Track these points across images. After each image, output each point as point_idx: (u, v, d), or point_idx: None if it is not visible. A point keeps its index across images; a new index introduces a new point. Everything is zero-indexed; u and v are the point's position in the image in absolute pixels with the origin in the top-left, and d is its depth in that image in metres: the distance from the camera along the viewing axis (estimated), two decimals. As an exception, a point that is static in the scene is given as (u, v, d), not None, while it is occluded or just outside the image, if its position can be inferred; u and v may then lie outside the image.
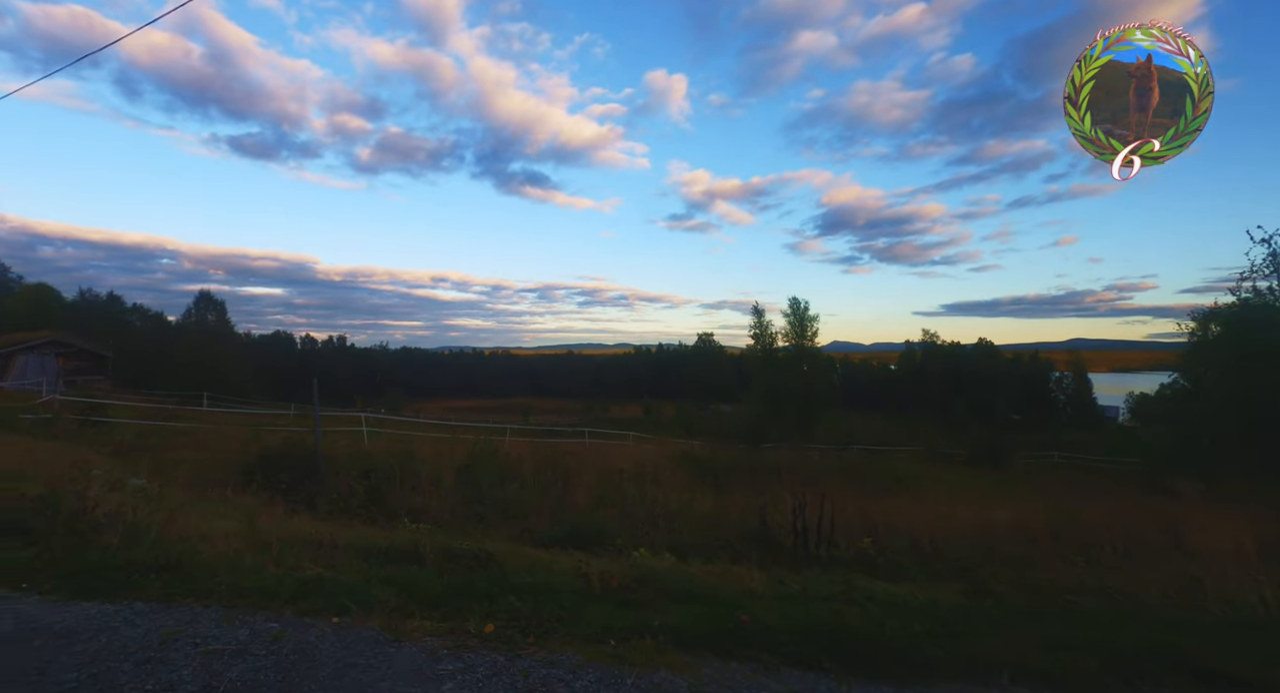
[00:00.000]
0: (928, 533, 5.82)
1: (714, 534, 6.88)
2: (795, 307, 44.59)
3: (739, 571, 3.98)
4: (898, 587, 3.33)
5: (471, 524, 8.14)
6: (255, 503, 7.07)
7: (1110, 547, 4.94)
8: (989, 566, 4.33)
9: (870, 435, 44.76)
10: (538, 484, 11.16)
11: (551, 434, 30.09)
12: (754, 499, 10.78)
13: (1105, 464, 37.18)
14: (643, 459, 17.35)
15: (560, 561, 4.00)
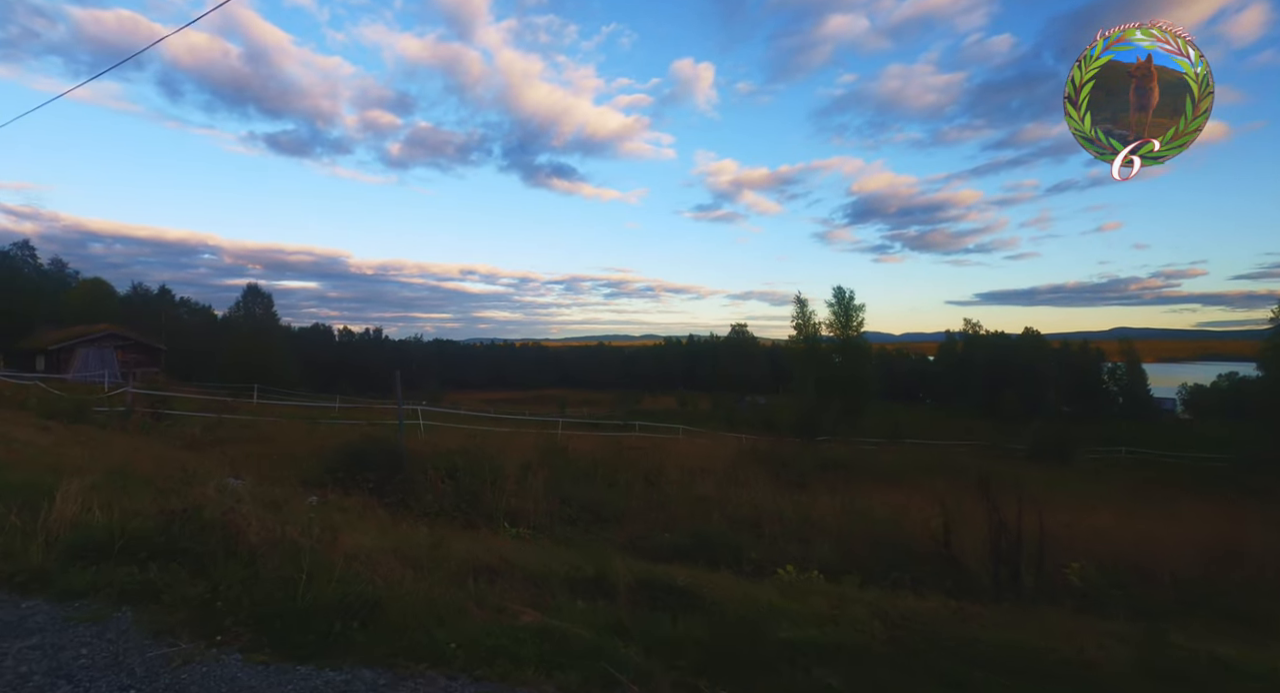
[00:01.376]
0: (1109, 553, 5.12)
1: (847, 547, 6.26)
2: (840, 296, 43.48)
3: (969, 608, 3.35)
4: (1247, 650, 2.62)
5: (565, 528, 7.69)
6: (357, 506, 6.70)
7: None
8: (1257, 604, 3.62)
9: (918, 429, 43.48)
10: (619, 483, 10.72)
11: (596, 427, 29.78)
12: (852, 499, 10.22)
13: (1175, 460, 35.37)
14: (709, 455, 16.81)
15: (754, 592, 3.40)
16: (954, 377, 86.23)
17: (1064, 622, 2.97)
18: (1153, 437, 51.67)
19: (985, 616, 3.20)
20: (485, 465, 9.42)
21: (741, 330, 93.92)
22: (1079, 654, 2.28)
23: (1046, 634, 2.57)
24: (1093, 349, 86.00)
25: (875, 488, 11.99)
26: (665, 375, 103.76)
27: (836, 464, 16.53)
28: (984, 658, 2.24)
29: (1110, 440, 43.64)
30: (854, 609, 2.85)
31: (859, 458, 19.05)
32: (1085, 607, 3.81)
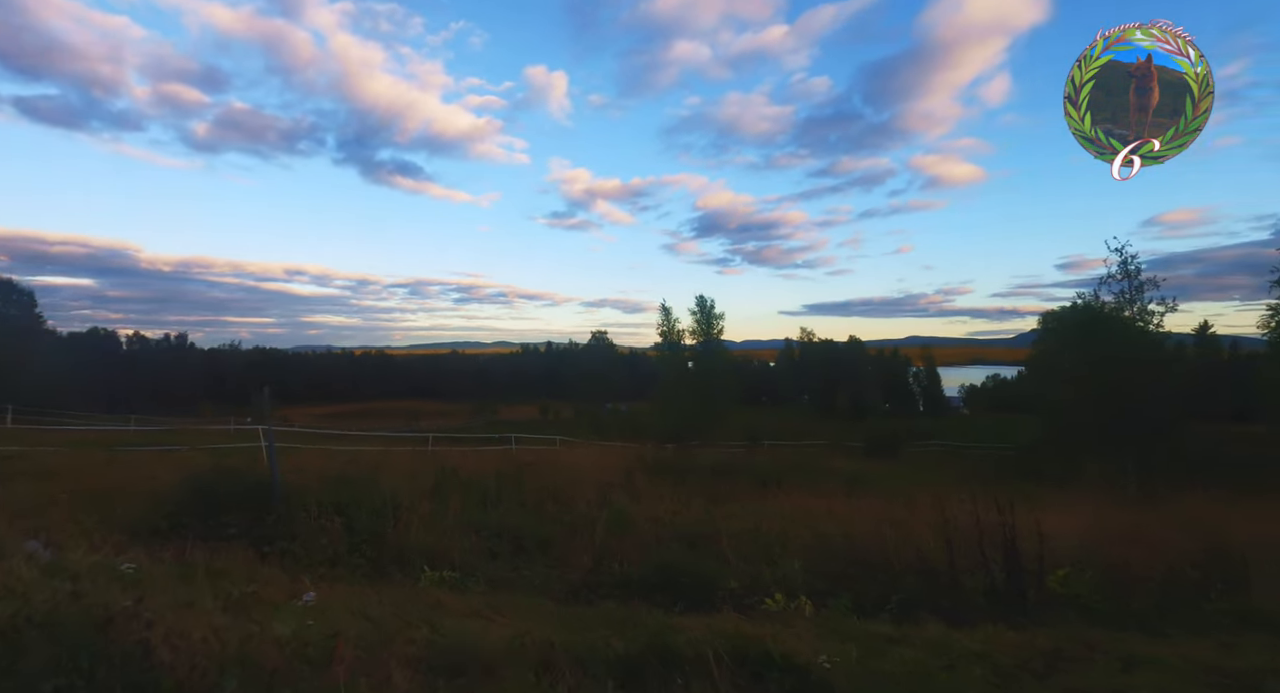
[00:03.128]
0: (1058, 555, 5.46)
1: (816, 565, 6.02)
2: (702, 305, 45.37)
3: (1005, 635, 3.20)
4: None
5: (492, 566, 6.70)
6: (224, 564, 5.14)
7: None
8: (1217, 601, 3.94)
9: (769, 430, 46.65)
10: (527, 505, 9.76)
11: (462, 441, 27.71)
12: (761, 507, 10.26)
13: (973, 448, 41.75)
14: (600, 466, 16.21)
15: (799, 645, 2.89)
16: (792, 380, 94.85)
17: (1145, 646, 2.87)
18: (946, 429, 60.34)
19: (1069, 650, 3.01)
20: (380, 496, 8.02)
21: (602, 337, 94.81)
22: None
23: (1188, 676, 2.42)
24: (901, 355, 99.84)
25: (776, 493, 12.34)
26: (522, 383, 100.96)
27: (725, 470, 16.84)
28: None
29: (921, 434, 50.52)
30: (962, 668, 2.52)
31: (741, 462, 19.68)
32: (1095, 620, 3.85)
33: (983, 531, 4.47)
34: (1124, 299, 26.51)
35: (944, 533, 4.39)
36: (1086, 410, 26.20)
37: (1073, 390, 28.07)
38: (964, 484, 17.70)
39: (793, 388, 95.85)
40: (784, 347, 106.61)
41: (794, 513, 9.05)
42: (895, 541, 5.33)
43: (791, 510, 9.45)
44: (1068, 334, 35.25)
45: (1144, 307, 26.10)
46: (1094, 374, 26.36)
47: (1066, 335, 35.68)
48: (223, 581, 3.85)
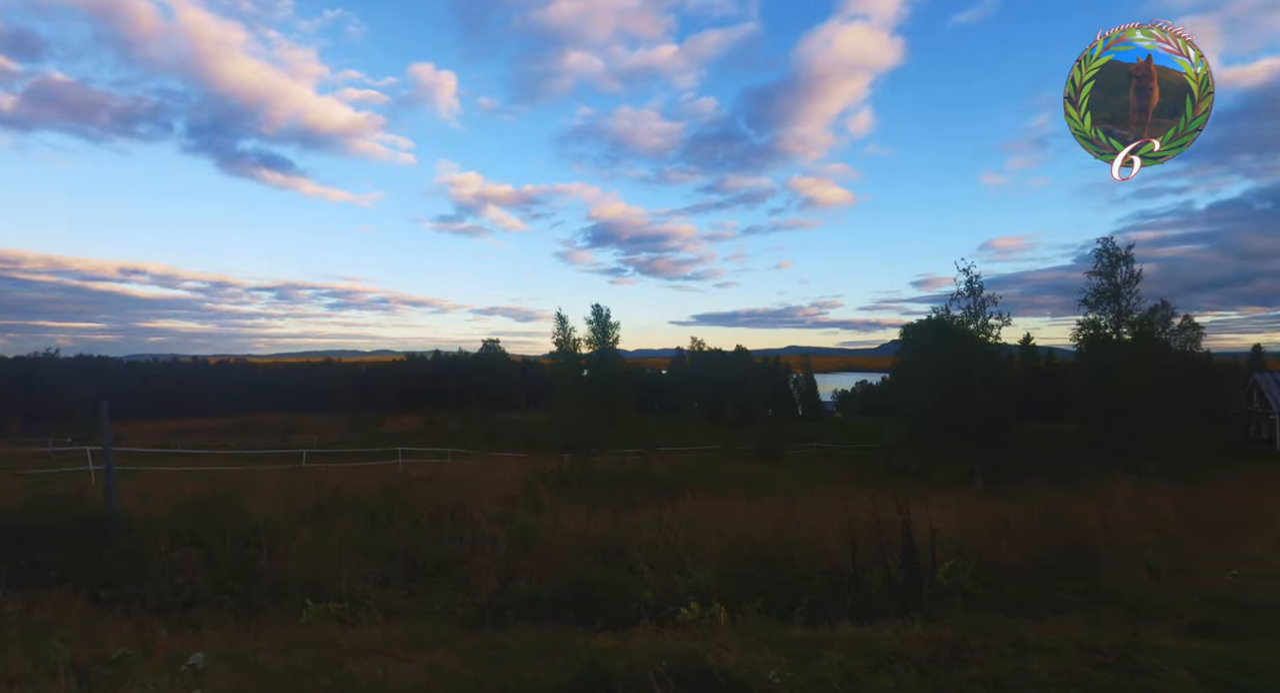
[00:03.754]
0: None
1: (727, 572, 6.07)
2: (598, 313, 45.47)
3: (912, 630, 3.43)
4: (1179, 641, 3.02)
5: (381, 592, 6.16)
6: (48, 616, 4.27)
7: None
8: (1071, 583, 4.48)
9: (665, 438, 47.56)
10: (421, 524, 9.14)
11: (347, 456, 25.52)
12: (655, 514, 10.30)
13: (847, 450, 45.21)
14: (498, 479, 15.56)
15: (725, 658, 2.90)
16: (683, 388, 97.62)
17: (1044, 630, 3.17)
18: (822, 432, 64.81)
19: (970, 640, 3.24)
20: (247, 523, 7.16)
21: (494, 345, 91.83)
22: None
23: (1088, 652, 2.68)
24: (783, 363, 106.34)
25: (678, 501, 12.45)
26: (408, 394, 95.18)
27: (626, 479, 16.83)
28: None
29: (801, 438, 53.95)
30: (886, 668, 2.63)
31: (641, 470, 19.79)
32: (979, 609, 4.19)
33: (882, 529, 4.75)
34: (970, 313, 30.05)
35: (849, 533, 4.61)
36: (939, 413, 29.32)
37: (928, 395, 31.30)
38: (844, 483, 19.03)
39: (684, 396, 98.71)
40: (676, 355, 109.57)
41: (698, 519, 9.18)
42: (800, 542, 5.53)
43: (696, 517, 9.58)
44: (923, 345, 39.34)
45: (985, 320, 29.78)
46: (945, 380, 29.60)
47: (922, 346, 39.81)
48: (46, 639, 3.17)
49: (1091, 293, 26.04)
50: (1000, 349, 30.81)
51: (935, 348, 34.02)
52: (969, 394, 27.62)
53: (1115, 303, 25.36)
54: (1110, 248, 25.57)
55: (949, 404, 28.21)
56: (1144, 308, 25.20)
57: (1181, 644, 2.77)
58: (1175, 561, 4.49)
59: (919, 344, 43.97)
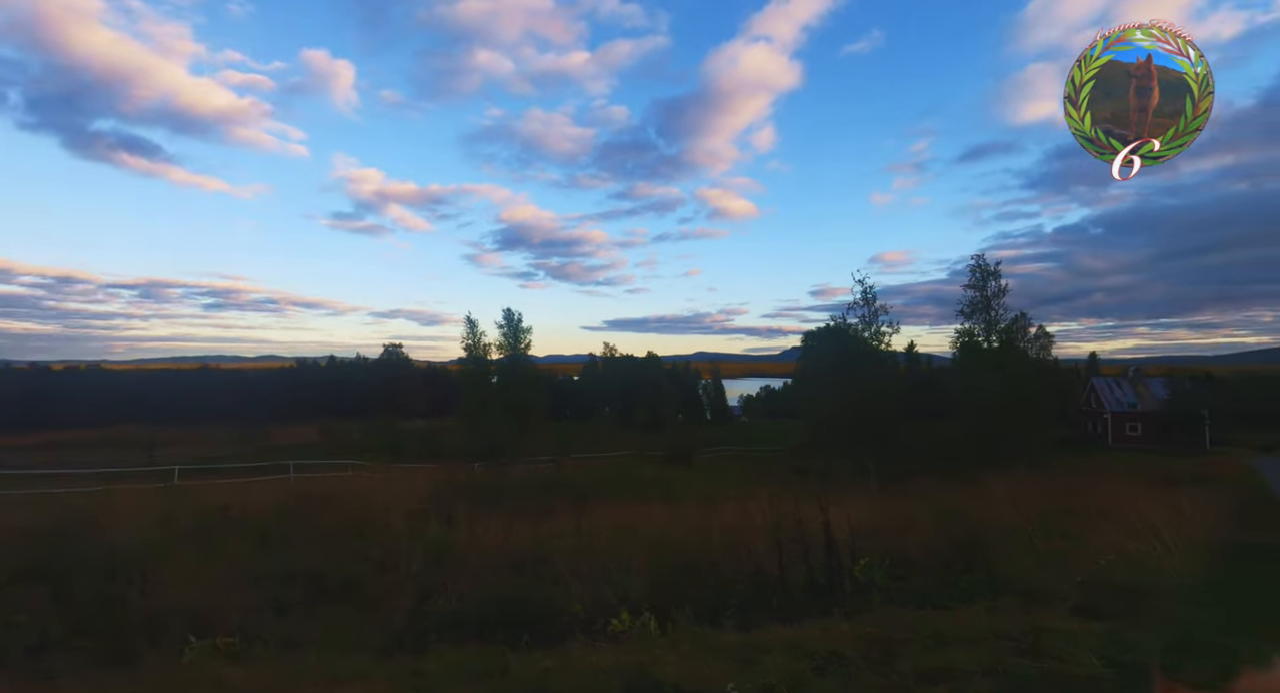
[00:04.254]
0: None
1: (653, 578, 6.04)
2: (510, 318, 44.50)
3: (840, 628, 3.60)
4: (1075, 624, 3.32)
5: (280, 621, 5.65)
6: None
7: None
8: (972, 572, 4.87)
9: (578, 444, 47.19)
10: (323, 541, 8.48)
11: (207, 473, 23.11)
12: (567, 523, 10.14)
13: (754, 452, 46.97)
14: (406, 492, 14.72)
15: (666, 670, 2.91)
16: (595, 394, 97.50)
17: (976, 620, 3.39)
18: (730, 436, 66.95)
19: (894, 634, 3.43)
20: (108, 552, 6.36)
21: (396, 350, 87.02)
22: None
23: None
24: (692, 369, 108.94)
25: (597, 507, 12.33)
26: (299, 402, 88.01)
27: (542, 487, 16.50)
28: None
29: (711, 441, 55.47)
30: (828, 669, 2.73)
31: (557, 477, 19.49)
32: (894, 602, 4.46)
33: (803, 529, 4.94)
34: (865, 322, 32.29)
35: (774, 535, 4.75)
36: (839, 415, 31.23)
37: (829, 398, 33.23)
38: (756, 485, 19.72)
39: (596, 401, 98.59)
40: (588, 361, 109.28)
41: (619, 526, 9.14)
42: (724, 546, 5.64)
43: (615, 524, 9.54)
44: (823, 351, 41.72)
45: (878, 328, 32.12)
46: (844, 384, 31.58)
47: (822, 352, 42.21)
48: None
49: (966, 304, 28.86)
50: (891, 355, 33.30)
51: (834, 354, 36.23)
52: (865, 397, 29.61)
53: (986, 314, 28.23)
54: (982, 264, 28.49)
55: (848, 406, 30.07)
56: (1008, 318, 28.24)
57: (1072, 626, 3.08)
58: (1054, 548, 5.01)
59: (820, 350, 46.63)
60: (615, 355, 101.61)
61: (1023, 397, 27.12)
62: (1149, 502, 7.39)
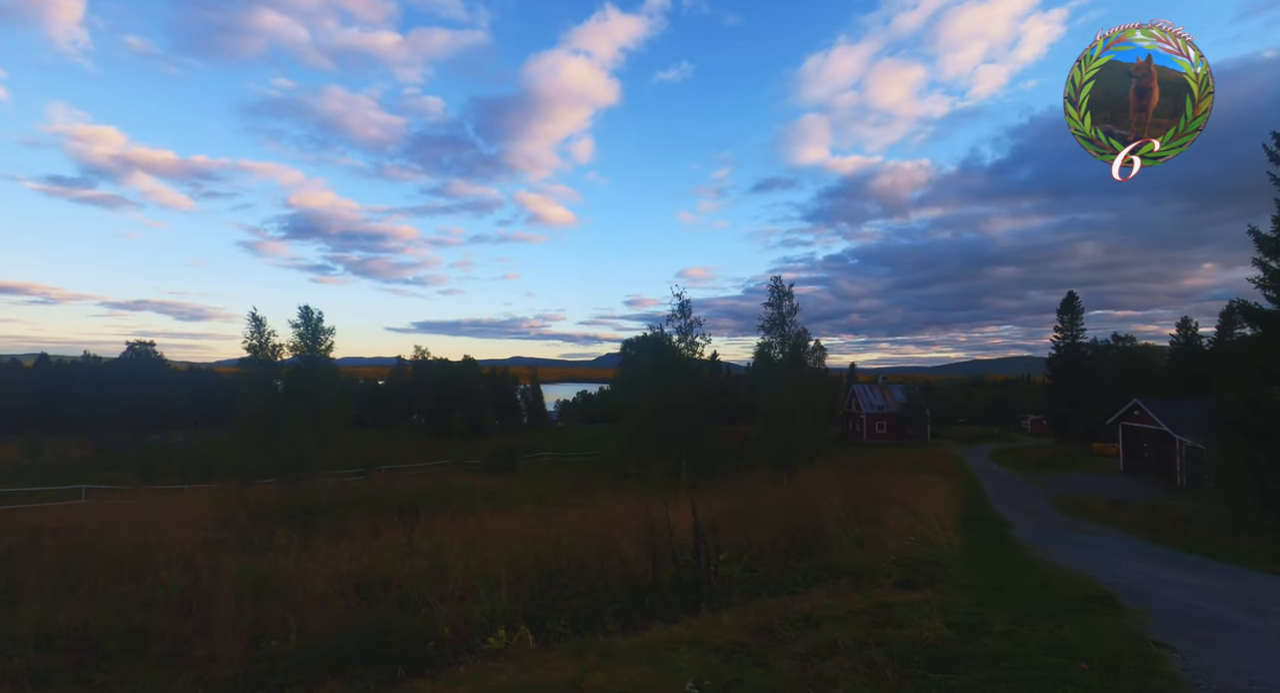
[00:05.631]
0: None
1: (522, 590, 5.86)
2: (308, 316, 39.44)
3: (723, 620, 4.02)
4: (914, 594, 4.04)
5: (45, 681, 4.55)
6: None
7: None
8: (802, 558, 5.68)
9: (385, 454, 43.49)
10: (94, 587, 6.87)
11: None
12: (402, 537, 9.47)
13: (574, 457, 47.59)
14: (182, 519, 12.27)
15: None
16: (404, 399, 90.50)
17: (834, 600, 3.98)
18: (548, 441, 67.10)
19: (772, 622, 3.88)
20: None
21: (145, 349, 71.24)
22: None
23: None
24: (511, 374, 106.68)
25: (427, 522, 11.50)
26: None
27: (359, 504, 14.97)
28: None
29: (530, 447, 54.98)
30: (734, 658, 3.05)
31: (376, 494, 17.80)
32: (753, 591, 5.02)
33: (671, 532, 5.32)
34: (681, 332, 34.79)
35: (648, 538, 5.05)
36: (657, 419, 33.20)
37: (648, 403, 35.10)
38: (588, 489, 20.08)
39: (404, 408, 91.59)
40: (396, 364, 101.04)
41: (461, 540, 8.77)
42: (588, 552, 5.81)
43: (460, 538, 9.13)
44: (643, 359, 43.96)
45: (692, 338, 34.84)
46: (661, 389, 33.67)
47: (640, 360, 44.46)
48: None
49: (766, 320, 32.74)
50: (703, 364, 36.34)
51: (652, 363, 38.40)
52: (680, 401, 31.87)
53: (781, 328, 32.33)
54: (779, 285, 32.62)
55: (665, 410, 32.07)
56: (797, 333, 32.73)
57: (902, 598, 3.83)
58: (868, 534, 6.07)
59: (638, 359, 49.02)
60: (427, 359, 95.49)
61: (810, 401, 31.61)
62: (916, 489, 9.19)
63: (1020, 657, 2.73)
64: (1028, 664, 2.64)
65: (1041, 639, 3.03)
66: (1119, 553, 8.76)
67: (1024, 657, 2.74)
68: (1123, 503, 18.53)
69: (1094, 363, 46.06)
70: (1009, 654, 2.76)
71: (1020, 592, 4.16)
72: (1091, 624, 3.46)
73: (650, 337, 43.27)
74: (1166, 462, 25.84)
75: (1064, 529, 12.14)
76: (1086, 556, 7.81)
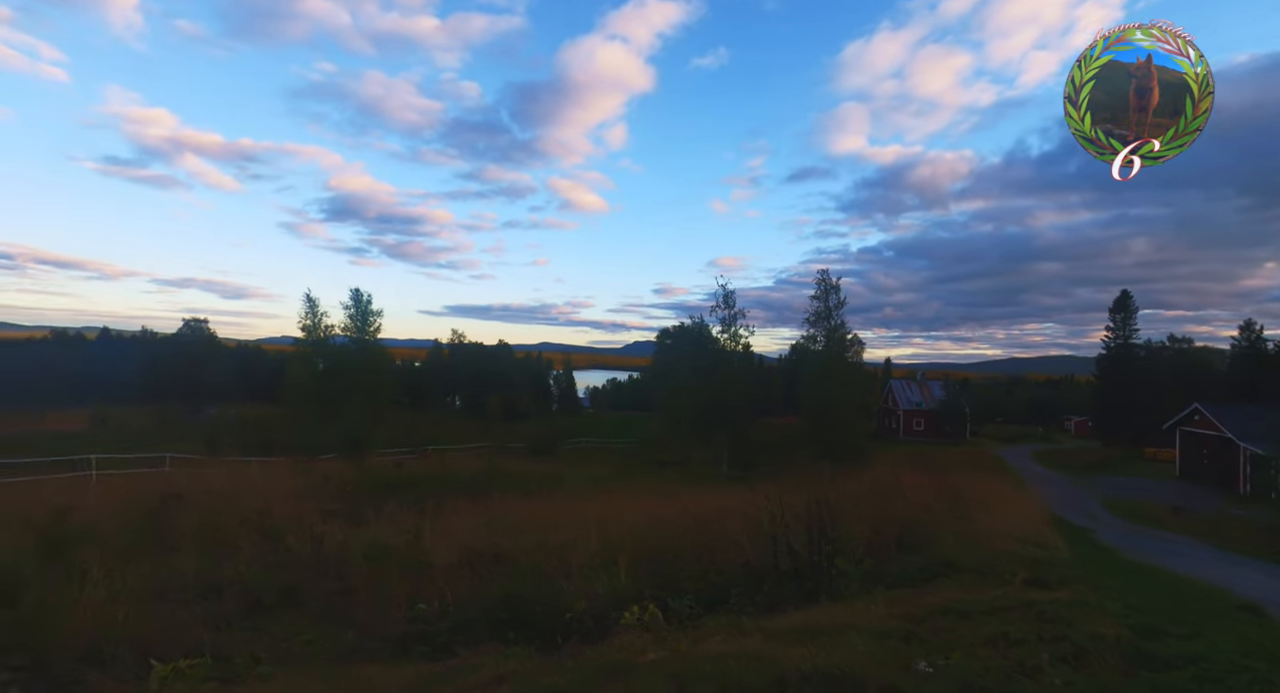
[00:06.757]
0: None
1: (641, 571, 6.11)
2: (358, 299, 40.94)
3: (874, 610, 4.26)
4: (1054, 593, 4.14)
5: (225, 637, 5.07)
6: None
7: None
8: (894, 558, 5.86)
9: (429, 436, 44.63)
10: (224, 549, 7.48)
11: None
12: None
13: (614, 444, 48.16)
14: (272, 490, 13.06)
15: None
16: (442, 381, 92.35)
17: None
18: (581, 427, 67.73)
19: (923, 612, 4.12)
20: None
21: (199, 326, 74.35)
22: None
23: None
24: (544, 359, 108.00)
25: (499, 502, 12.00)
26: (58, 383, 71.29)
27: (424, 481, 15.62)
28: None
29: (567, 433, 55.69)
30: (917, 639, 3.29)
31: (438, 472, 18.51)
32: (871, 585, 5.18)
33: (785, 522, 5.57)
34: (725, 323, 34.85)
35: (771, 528, 5.31)
36: (699, 409, 33.43)
37: (687, 394, 35.34)
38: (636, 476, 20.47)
39: (440, 390, 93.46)
40: (433, 346, 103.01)
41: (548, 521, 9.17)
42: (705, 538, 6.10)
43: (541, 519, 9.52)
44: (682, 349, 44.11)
45: (736, 330, 34.89)
46: (703, 380, 33.85)
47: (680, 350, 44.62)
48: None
49: (811, 313, 32.61)
50: (748, 356, 36.39)
51: (692, 352, 38.57)
52: (723, 392, 32.03)
53: (827, 321, 32.16)
54: (826, 278, 32.40)
55: (707, 401, 32.28)
56: (845, 327, 32.53)
57: (1042, 596, 4.02)
58: (962, 530, 6.22)
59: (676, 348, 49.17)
60: (464, 342, 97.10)
61: (853, 397, 31.51)
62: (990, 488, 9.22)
63: (1217, 659, 2.88)
64: (1232, 668, 2.79)
65: (1230, 643, 3.17)
66: (1219, 562, 8.68)
67: (1223, 659, 2.89)
68: (1185, 510, 18.15)
69: (1147, 364, 44.57)
70: (1204, 656, 2.90)
71: (1157, 597, 4.30)
72: (1249, 632, 3.58)
73: (689, 327, 43.33)
74: (1228, 469, 25.07)
75: (1139, 535, 12.01)
76: (1188, 562, 7.80)
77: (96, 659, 4.13)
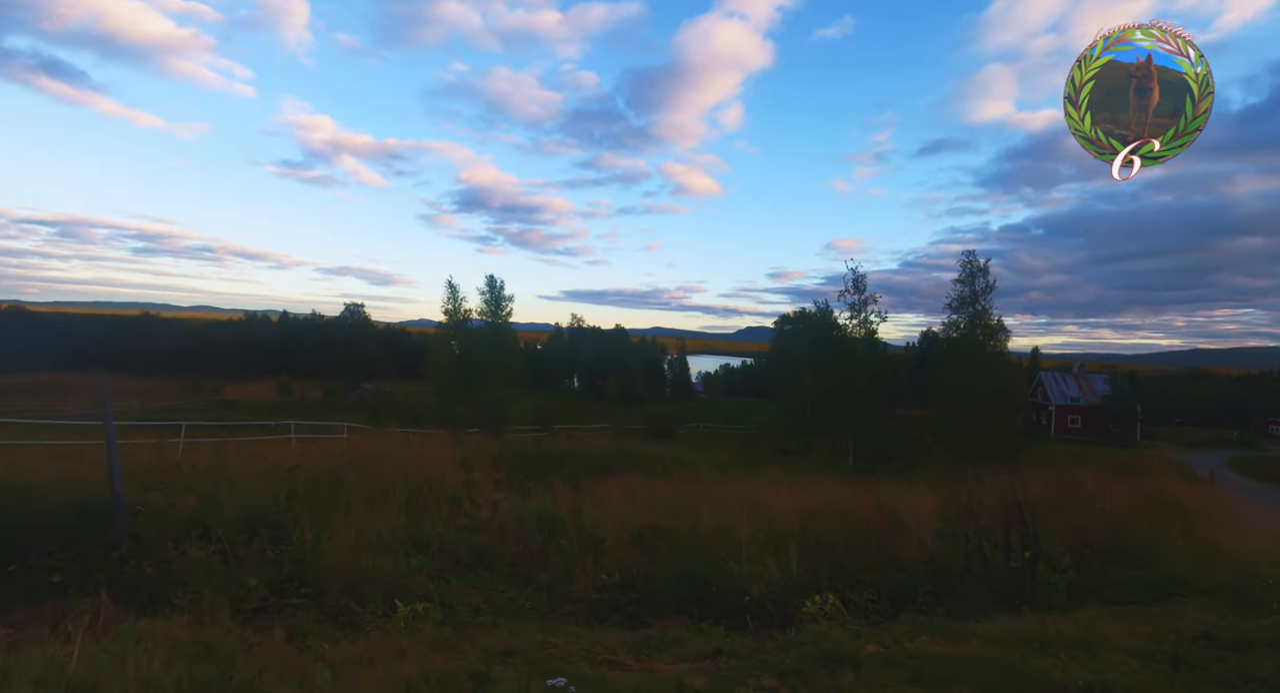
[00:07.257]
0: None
1: (812, 559, 6.11)
2: (492, 285, 43.90)
3: (1104, 624, 3.90)
4: None
5: (443, 588, 5.67)
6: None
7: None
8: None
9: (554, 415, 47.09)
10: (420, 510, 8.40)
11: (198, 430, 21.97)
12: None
13: (731, 430, 48.09)
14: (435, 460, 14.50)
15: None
16: (562, 364, 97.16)
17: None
18: (695, 412, 67.99)
19: (1162, 629, 3.71)
20: (241, 510, 6.22)
21: (358, 309, 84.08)
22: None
23: None
24: (659, 344, 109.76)
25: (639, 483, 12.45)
26: (247, 358, 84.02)
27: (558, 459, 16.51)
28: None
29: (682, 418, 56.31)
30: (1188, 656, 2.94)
31: (571, 450, 19.54)
32: (1078, 596, 4.74)
33: (977, 520, 5.25)
34: (854, 309, 33.24)
35: (962, 525, 5.04)
36: (824, 398, 32.33)
37: (811, 381, 34.27)
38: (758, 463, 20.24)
39: (560, 372, 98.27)
40: (554, 330, 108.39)
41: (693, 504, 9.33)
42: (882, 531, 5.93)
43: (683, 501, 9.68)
44: (803, 336, 42.74)
45: (866, 316, 33.16)
46: (829, 368, 32.62)
47: (802, 337, 43.24)
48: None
49: (955, 298, 30.12)
50: (878, 345, 34.53)
51: (815, 338, 37.23)
52: (850, 381, 30.69)
53: (972, 307, 29.56)
54: (972, 260, 29.72)
55: (833, 389, 31.11)
56: (992, 314, 29.71)
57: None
58: (1193, 544, 5.51)
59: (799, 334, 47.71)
60: (583, 326, 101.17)
61: (1000, 390, 28.85)
62: (1196, 496, 8.07)
63: None
64: None
65: None
66: None
67: None
68: None
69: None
70: None
71: None
72: None
73: (812, 313, 41.86)
74: None
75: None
76: None
77: (353, 595, 4.82)
